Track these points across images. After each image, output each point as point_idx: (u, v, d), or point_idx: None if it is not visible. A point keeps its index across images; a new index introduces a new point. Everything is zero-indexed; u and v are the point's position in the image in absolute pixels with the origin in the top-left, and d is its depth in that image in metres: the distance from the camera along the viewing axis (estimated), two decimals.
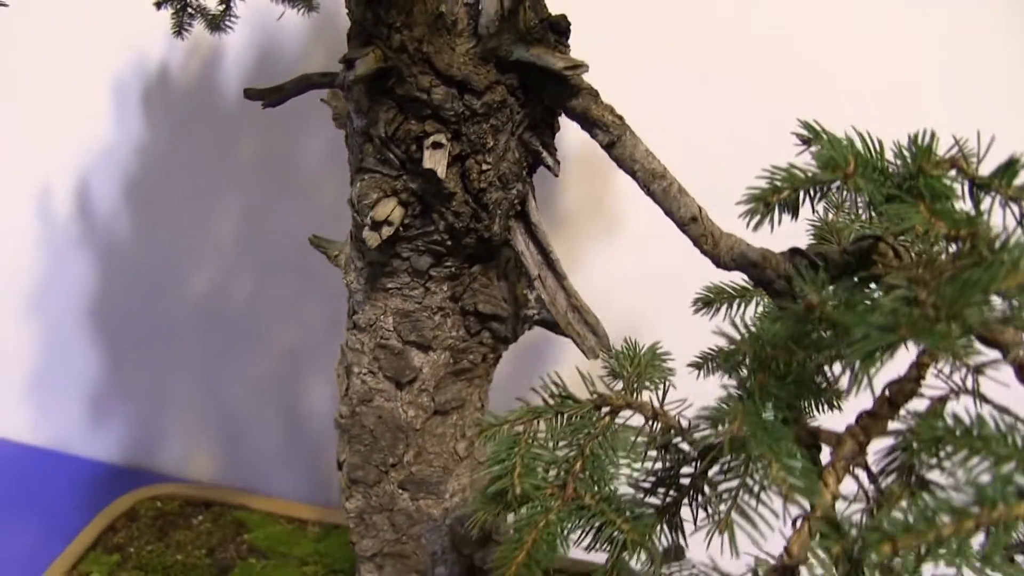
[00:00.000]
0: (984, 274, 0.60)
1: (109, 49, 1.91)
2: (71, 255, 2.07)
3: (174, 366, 2.11)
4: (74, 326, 2.12)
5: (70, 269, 2.08)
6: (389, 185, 1.00)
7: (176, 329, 2.07)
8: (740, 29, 1.60)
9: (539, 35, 0.94)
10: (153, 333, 2.09)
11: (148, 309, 2.08)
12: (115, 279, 2.08)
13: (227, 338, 2.05)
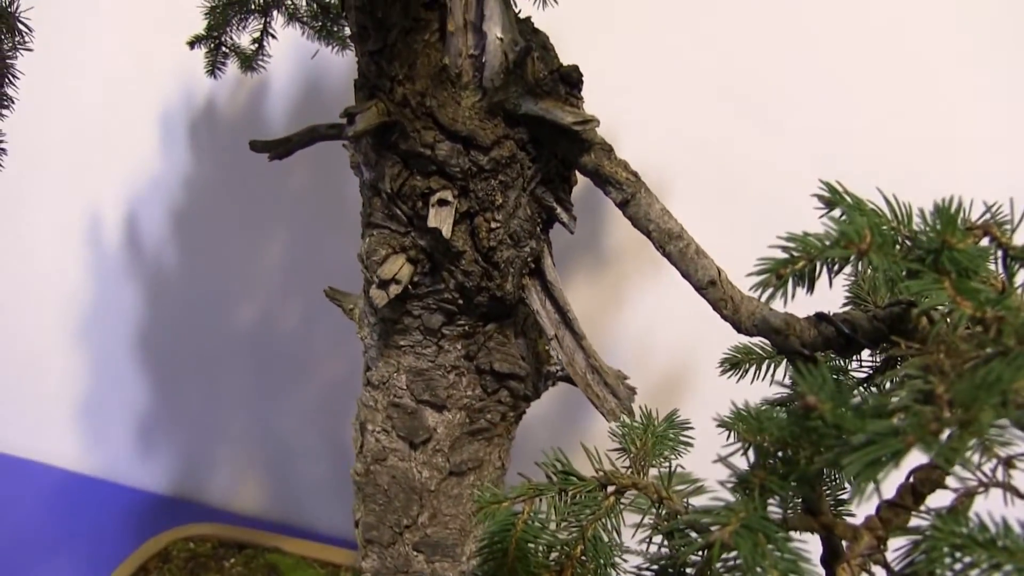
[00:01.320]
0: (1006, 370, 0.54)
1: (158, 81, 1.92)
2: (121, 284, 2.09)
3: (222, 397, 2.11)
4: (123, 355, 2.14)
5: (120, 298, 2.10)
6: (398, 241, 0.96)
7: (224, 360, 2.08)
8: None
9: (549, 87, 0.89)
10: (201, 363, 2.10)
11: (196, 339, 2.09)
12: (164, 309, 2.09)
13: (275, 370, 2.05)
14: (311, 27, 1.46)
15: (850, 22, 1.51)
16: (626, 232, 1.68)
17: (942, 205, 0.72)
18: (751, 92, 1.56)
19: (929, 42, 1.50)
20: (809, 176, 0.84)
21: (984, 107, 1.49)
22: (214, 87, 1.90)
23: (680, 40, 1.59)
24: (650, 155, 1.57)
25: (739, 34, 1.57)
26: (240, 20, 1.41)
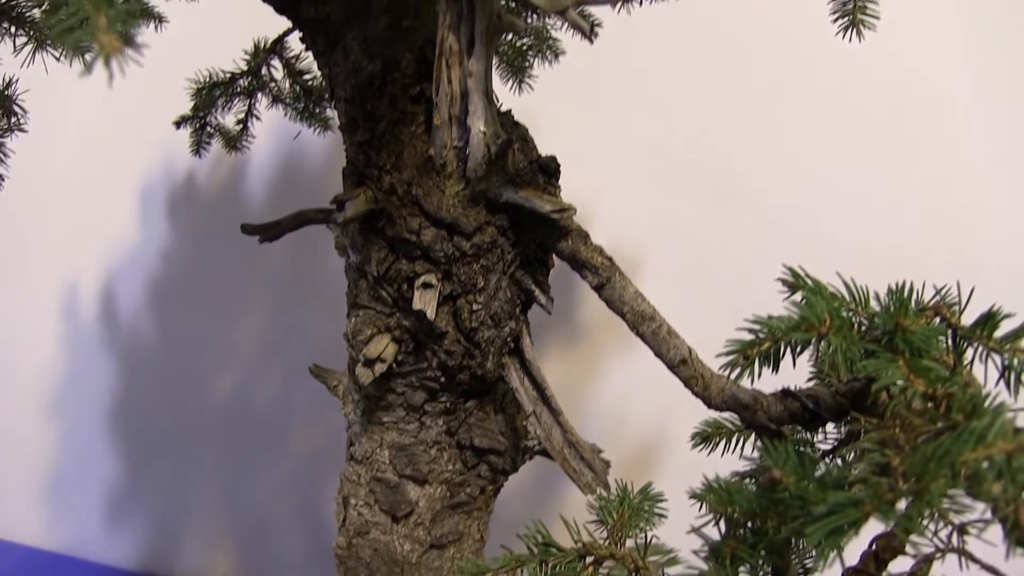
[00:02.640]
0: (955, 444, 0.59)
1: (139, 155, 1.96)
2: (95, 357, 2.10)
3: (195, 470, 2.12)
4: (94, 428, 2.14)
5: (93, 371, 2.11)
6: (383, 322, 1.01)
7: (198, 433, 2.09)
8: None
9: (528, 177, 0.95)
10: (175, 436, 2.11)
11: (170, 412, 2.10)
12: (138, 382, 2.11)
13: (249, 443, 2.06)
14: (294, 109, 1.51)
15: (814, 110, 1.60)
16: (599, 307, 1.73)
17: (895, 289, 0.78)
18: (719, 175, 1.63)
19: (887, 129, 1.58)
20: (774, 257, 0.90)
21: (931, 186, 1.57)
22: (195, 163, 1.95)
23: (652, 124, 1.66)
24: (622, 234, 1.64)
25: (709, 119, 1.64)
26: (226, 101, 1.46)
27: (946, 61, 1.58)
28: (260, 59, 1.42)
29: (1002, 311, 0.70)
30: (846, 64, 1.52)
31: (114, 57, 0.58)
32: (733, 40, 1.65)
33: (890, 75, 1.58)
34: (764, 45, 1.64)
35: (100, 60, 0.58)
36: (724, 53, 1.65)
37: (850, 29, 0.92)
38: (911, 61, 1.57)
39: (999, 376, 0.70)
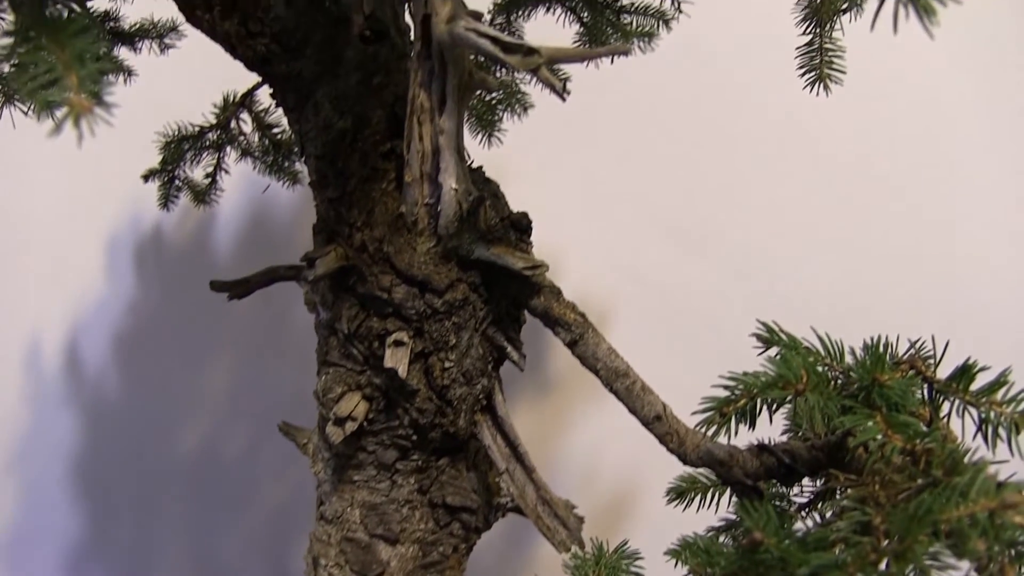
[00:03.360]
0: (936, 502, 0.59)
1: (106, 207, 1.94)
2: (57, 411, 2.05)
3: (160, 528, 2.07)
4: (55, 484, 2.09)
5: (54, 425, 2.06)
6: (353, 379, 0.99)
7: (163, 489, 2.04)
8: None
9: (500, 234, 0.95)
10: (139, 493, 2.06)
11: (135, 468, 2.05)
12: (101, 436, 2.06)
13: (216, 500, 2.02)
14: (263, 162, 1.51)
15: (786, 162, 1.61)
16: (571, 361, 1.73)
17: (871, 343, 0.78)
18: (693, 228, 1.64)
19: (859, 179, 1.60)
20: (748, 310, 0.90)
21: (903, 238, 1.59)
22: (163, 216, 1.93)
23: (624, 176, 1.68)
24: (594, 287, 1.64)
25: (682, 172, 1.66)
26: (195, 155, 1.45)
27: (913, 111, 1.60)
28: (229, 112, 1.42)
29: (977, 364, 0.71)
30: (818, 115, 1.54)
31: (84, 117, 0.57)
32: (703, 93, 1.67)
33: (859, 123, 1.61)
34: (734, 97, 1.66)
35: (70, 119, 0.57)
36: (694, 106, 1.68)
37: (817, 83, 0.93)
38: (880, 110, 1.59)
39: (976, 429, 0.70)
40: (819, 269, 1.62)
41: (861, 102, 1.56)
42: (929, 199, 1.64)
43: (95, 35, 0.63)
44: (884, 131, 1.63)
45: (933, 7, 0.55)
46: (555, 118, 1.47)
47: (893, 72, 1.58)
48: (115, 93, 0.61)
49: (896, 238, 1.62)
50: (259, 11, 0.92)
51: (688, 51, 1.51)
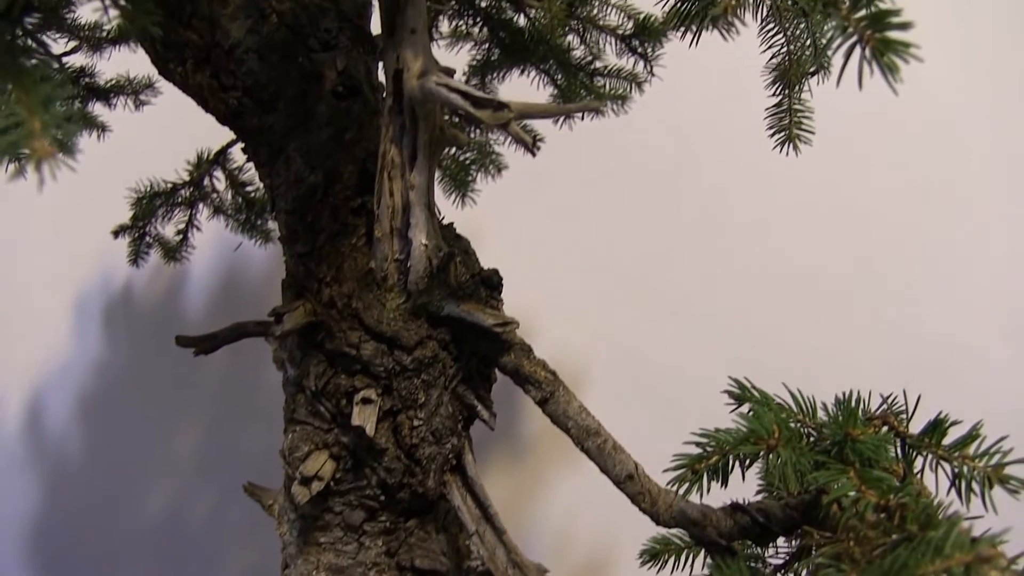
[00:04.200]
0: (911, 557, 0.58)
1: (75, 266, 1.92)
2: (16, 475, 2.00)
3: None
4: (14, 550, 2.03)
5: (13, 490, 2.01)
6: (320, 438, 0.97)
7: (127, 554, 1.99)
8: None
9: (470, 290, 0.94)
10: (102, 558, 2.00)
11: (97, 533, 2.00)
12: (63, 500, 2.01)
13: (182, 563, 1.97)
14: (235, 220, 1.50)
15: (756, 225, 1.63)
16: (542, 420, 1.72)
17: (843, 398, 0.78)
18: (662, 288, 1.65)
19: (828, 241, 1.61)
20: (719, 369, 0.89)
21: (875, 297, 1.60)
22: (132, 274, 1.91)
23: (595, 236, 1.68)
24: (565, 346, 1.64)
25: (652, 231, 1.67)
26: (166, 211, 1.44)
27: (880, 181, 1.63)
28: (203, 170, 1.41)
29: (949, 418, 0.70)
30: (787, 175, 1.56)
31: (46, 162, 0.56)
32: (676, 158, 1.69)
33: (828, 183, 1.63)
34: (705, 160, 1.68)
35: (31, 165, 0.56)
36: (665, 167, 1.69)
37: (787, 143, 0.94)
38: (848, 170, 1.61)
39: (950, 484, 0.69)
40: (794, 333, 1.63)
41: (828, 164, 1.58)
42: (894, 266, 1.65)
43: (60, 81, 0.62)
44: (851, 195, 1.65)
45: (896, 64, 0.56)
46: (528, 180, 1.48)
47: (861, 134, 1.61)
48: (83, 140, 0.60)
49: (863, 303, 1.63)
50: (231, 64, 0.92)
51: (661, 114, 1.52)
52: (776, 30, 0.90)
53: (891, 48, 0.55)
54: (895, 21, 0.55)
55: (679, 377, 1.65)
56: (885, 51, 0.55)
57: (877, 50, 0.55)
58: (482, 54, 1.32)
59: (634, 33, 1.24)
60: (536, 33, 1.24)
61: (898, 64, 0.56)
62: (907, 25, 0.55)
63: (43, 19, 0.73)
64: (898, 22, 0.55)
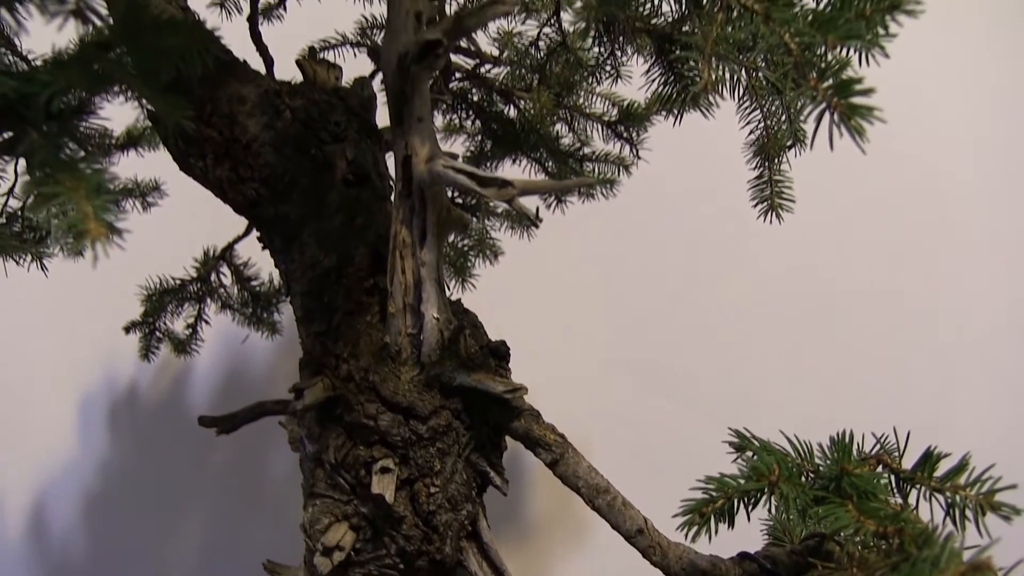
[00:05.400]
0: (911, 573, 0.62)
1: (80, 366, 1.95)
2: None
3: None
4: None
5: None
6: (340, 510, 1.01)
7: None
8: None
9: (480, 361, 0.99)
10: None
11: None
12: None
13: None
14: (242, 314, 1.55)
15: (745, 299, 1.69)
16: (542, 505, 1.75)
17: (837, 438, 0.83)
18: (656, 360, 1.70)
19: (813, 315, 1.67)
20: (714, 436, 0.94)
21: (863, 369, 1.65)
22: (137, 372, 1.95)
23: (594, 311, 1.74)
24: (569, 416, 1.68)
25: (645, 307, 1.73)
26: (175, 307, 1.49)
27: (859, 248, 1.70)
28: (210, 266, 1.47)
29: (939, 451, 0.75)
30: (776, 251, 1.63)
31: (99, 241, 0.62)
32: (669, 235, 1.76)
33: (819, 251, 1.70)
34: (696, 238, 1.75)
35: (87, 243, 0.61)
36: (660, 245, 1.76)
37: (769, 212, 1.00)
38: (830, 234, 1.69)
39: (944, 514, 0.73)
40: (786, 405, 1.67)
41: (814, 237, 1.65)
42: (880, 334, 1.71)
43: (106, 170, 0.68)
44: (843, 266, 1.72)
45: (863, 128, 0.63)
46: (528, 260, 1.54)
47: (845, 208, 1.68)
48: (126, 219, 0.65)
49: (858, 374, 1.69)
50: (249, 158, 0.99)
51: (652, 194, 1.60)
52: (753, 107, 0.98)
53: (857, 112, 0.61)
54: (859, 88, 0.62)
55: (677, 445, 1.69)
56: (852, 115, 0.61)
57: (844, 115, 0.62)
58: (475, 145, 1.40)
59: (619, 119, 1.32)
60: (526, 123, 1.32)
61: (864, 127, 0.62)
62: (870, 91, 0.62)
63: (82, 118, 0.80)
64: (862, 88, 0.62)
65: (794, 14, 0.74)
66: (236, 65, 1.03)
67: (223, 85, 0.99)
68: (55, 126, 0.74)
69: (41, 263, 1.29)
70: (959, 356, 1.78)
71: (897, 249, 1.78)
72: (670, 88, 1.03)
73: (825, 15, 0.72)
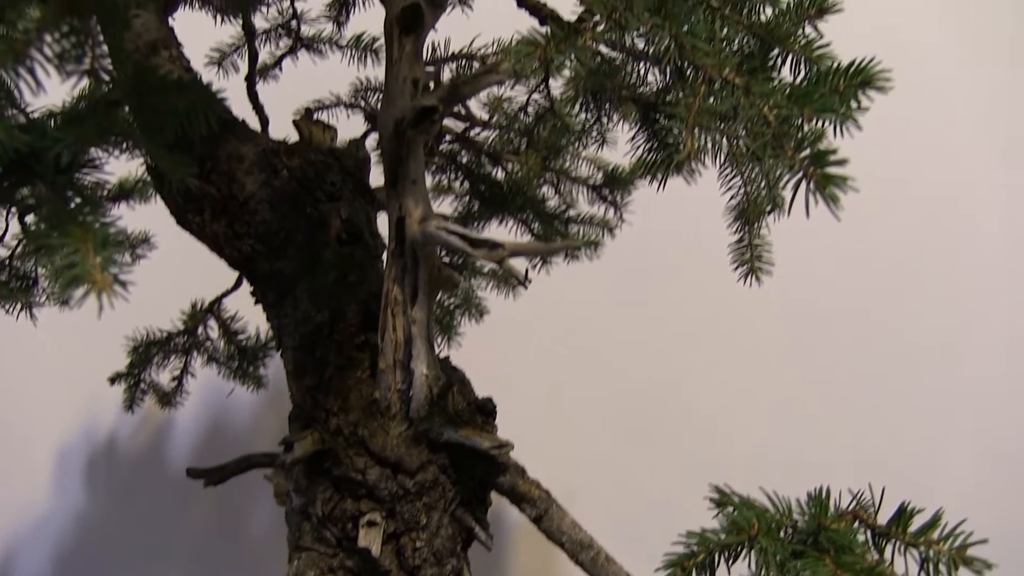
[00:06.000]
0: None
1: (59, 415, 1.94)
2: None
3: None
4: None
5: None
6: (326, 563, 1.02)
7: None
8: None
9: (467, 417, 1.01)
10: None
11: None
12: None
13: None
14: (228, 367, 1.56)
15: (728, 357, 1.72)
16: (534, 553, 1.75)
17: (814, 494, 0.85)
18: (640, 416, 1.72)
19: (789, 370, 1.71)
20: (695, 492, 0.96)
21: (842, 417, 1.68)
22: (118, 422, 1.94)
23: (578, 370, 1.76)
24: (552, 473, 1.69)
25: (628, 364, 1.76)
26: (161, 359, 1.50)
27: (831, 288, 1.74)
28: (198, 319, 1.48)
29: (913, 507, 0.78)
30: (760, 309, 1.66)
31: (105, 292, 0.64)
32: (651, 291, 1.80)
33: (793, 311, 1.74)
34: (681, 296, 1.79)
35: (93, 293, 0.63)
36: (642, 303, 1.80)
37: (749, 275, 1.04)
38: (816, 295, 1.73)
39: (919, 569, 0.76)
40: (762, 465, 1.70)
41: (798, 297, 1.69)
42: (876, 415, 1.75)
43: (114, 223, 0.71)
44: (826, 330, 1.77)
45: (838, 196, 0.66)
46: (514, 318, 1.57)
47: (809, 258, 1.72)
48: (131, 272, 0.68)
49: (845, 440, 1.72)
50: (246, 214, 1.02)
51: (634, 256, 1.63)
52: (734, 174, 1.02)
53: (831, 181, 0.65)
54: (833, 158, 0.66)
55: (660, 500, 1.70)
56: (827, 184, 0.65)
57: (820, 184, 0.65)
58: (463, 206, 1.43)
59: (604, 183, 1.36)
60: (514, 185, 1.35)
61: (839, 196, 0.66)
62: (844, 161, 0.66)
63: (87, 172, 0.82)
64: (836, 159, 0.66)
65: (772, 88, 0.78)
66: (236, 124, 1.06)
67: (223, 143, 1.02)
68: (63, 179, 0.77)
69: (31, 311, 1.30)
70: (947, 407, 1.81)
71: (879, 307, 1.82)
72: (654, 155, 1.06)
73: (802, 89, 0.76)
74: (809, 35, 0.85)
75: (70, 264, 0.66)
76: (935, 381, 1.82)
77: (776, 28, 0.85)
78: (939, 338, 1.82)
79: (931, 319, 1.82)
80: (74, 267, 0.65)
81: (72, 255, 0.67)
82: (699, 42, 0.80)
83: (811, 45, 0.83)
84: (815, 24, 0.87)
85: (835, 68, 0.76)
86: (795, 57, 0.84)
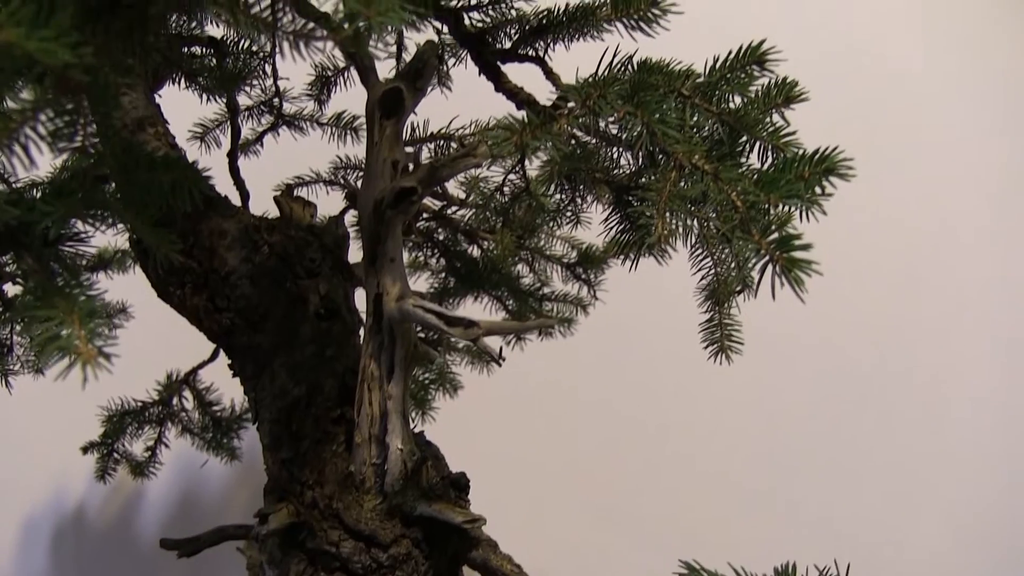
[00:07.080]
0: None
1: (26, 485, 1.92)
2: None
3: None
4: None
5: None
6: None
7: None
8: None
9: (440, 491, 1.02)
10: None
11: None
12: None
13: None
14: (202, 439, 1.56)
15: (702, 438, 1.74)
16: None
17: (781, 569, 0.86)
18: (611, 492, 1.73)
19: (762, 447, 1.72)
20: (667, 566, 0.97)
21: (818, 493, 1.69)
22: (86, 493, 1.93)
23: (548, 447, 1.77)
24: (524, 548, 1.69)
25: (601, 440, 1.76)
26: (135, 429, 1.50)
27: (805, 375, 1.76)
28: (172, 389, 1.49)
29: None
30: (731, 387, 1.68)
31: (89, 363, 0.65)
32: (624, 369, 1.82)
33: (765, 387, 1.76)
34: (654, 374, 1.81)
35: (78, 364, 0.65)
36: (616, 380, 1.82)
37: (719, 354, 1.06)
38: (788, 376, 1.75)
39: None
40: (737, 538, 1.70)
41: (762, 375, 1.72)
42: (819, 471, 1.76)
43: (100, 296, 0.73)
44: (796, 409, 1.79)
45: (802, 279, 0.69)
46: (483, 399, 1.58)
47: (784, 339, 1.75)
48: (116, 344, 0.69)
49: (822, 517, 1.73)
50: (227, 289, 1.04)
51: (608, 331, 1.66)
52: (704, 255, 1.05)
53: (796, 265, 0.68)
54: (798, 243, 0.69)
55: None
56: (792, 268, 0.68)
57: (785, 267, 0.68)
58: (439, 282, 1.45)
59: (578, 261, 1.39)
60: (489, 263, 1.38)
61: (803, 278, 0.69)
62: (808, 246, 0.69)
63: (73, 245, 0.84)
64: (801, 244, 0.69)
65: (740, 174, 0.81)
66: (218, 200, 1.09)
67: (205, 219, 1.04)
68: (50, 252, 0.79)
69: (6, 379, 1.30)
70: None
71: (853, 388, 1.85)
72: (627, 235, 1.09)
73: (768, 176, 0.80)
74: (776, 123, 0.89)
75: (54, 336, 0.68)
76: (904, 456, 1.84)
77: (744, 116, 0.89)
78: (914, 413, 1.85)
79: (902, 403, 1.85)
80: (59, 339, 0.67)
81: (58, 327, 0.69)
82: (670, 129, 0.83)
83: (778, 133, 0.88)
84: (782, 112, 0.91)
85: (800, 156, 0.80)
86: (763, 144, 0.88)
